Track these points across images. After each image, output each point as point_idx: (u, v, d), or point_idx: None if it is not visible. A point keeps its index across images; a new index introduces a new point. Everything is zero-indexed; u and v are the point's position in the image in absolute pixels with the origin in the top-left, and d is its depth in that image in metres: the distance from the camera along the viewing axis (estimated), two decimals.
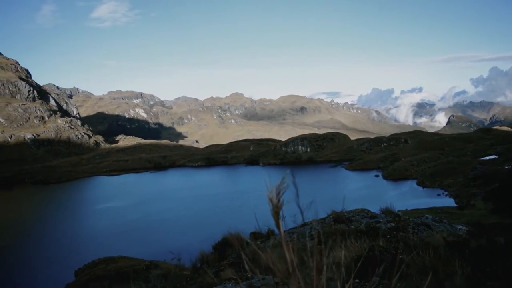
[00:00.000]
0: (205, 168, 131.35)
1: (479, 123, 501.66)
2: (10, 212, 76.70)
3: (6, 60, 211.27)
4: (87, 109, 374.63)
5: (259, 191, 76.34)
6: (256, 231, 13.10)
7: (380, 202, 14.73)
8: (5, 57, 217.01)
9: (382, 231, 9.07)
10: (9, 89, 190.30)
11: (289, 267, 1.81)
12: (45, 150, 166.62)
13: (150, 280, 9.26)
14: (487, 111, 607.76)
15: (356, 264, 3.50)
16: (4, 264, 42.05)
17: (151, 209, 68.36)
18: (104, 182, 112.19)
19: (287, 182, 1.90)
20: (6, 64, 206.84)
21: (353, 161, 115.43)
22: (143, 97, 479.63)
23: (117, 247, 43.93)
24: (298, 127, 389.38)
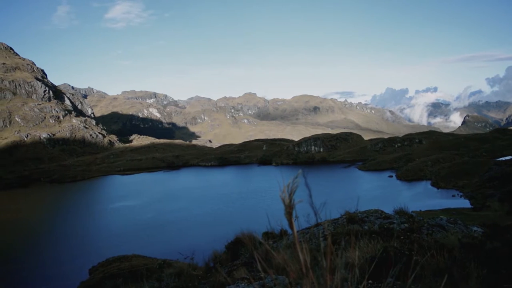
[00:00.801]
0: (218, 167, 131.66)
1: (495, 123, 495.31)
2: (26, 210, 77.78)
3: (22, 61, 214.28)
4: (102, 109, 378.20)
5: (272, 191, 76.31)
6: (268, 231, 13.10)
7: (394, 202, 14.62)
8: (21, 57, 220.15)
9: (395, 232, 9.00)
10: (25, 89, 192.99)
11: (303, 268, 1.80)
12: (60, 149, 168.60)
13: (163, 279, 9.30)
14: (503, 111, 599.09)
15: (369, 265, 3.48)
16: (21, 261, 42.64)
17: (164, 208, 68.73)
18: (118, 181, 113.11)
19: (299, 182, 1.89)
20: (23, 64, 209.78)
21: (367, 161, 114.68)
22: (156, 97, 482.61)
23: (131, 245, 44.28)
24: (311, 127, 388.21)
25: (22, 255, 45.11)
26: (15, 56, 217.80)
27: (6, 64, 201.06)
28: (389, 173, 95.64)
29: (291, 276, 1.83)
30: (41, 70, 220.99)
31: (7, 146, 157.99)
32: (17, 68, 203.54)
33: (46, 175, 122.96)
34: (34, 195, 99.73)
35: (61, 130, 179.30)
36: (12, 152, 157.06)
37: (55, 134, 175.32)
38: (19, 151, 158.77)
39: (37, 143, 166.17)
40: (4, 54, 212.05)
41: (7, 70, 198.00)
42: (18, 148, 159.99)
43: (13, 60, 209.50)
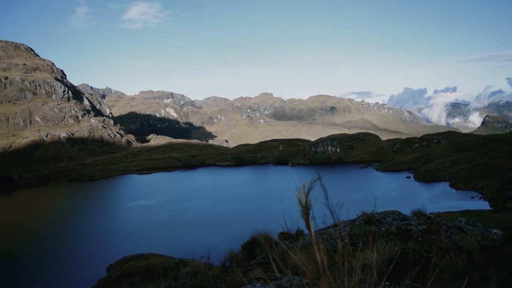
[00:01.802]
0: (234, 167, 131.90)
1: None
2: (46, 208, 79.08)
3: (42, 61, 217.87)
4: (120, 108, 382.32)
5: (288, 191, 76.14)
6: (285, 231, 13.08)
7: (412, 204, 14.45)
8: (41, 58, 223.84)
9: (413, 234, 8.90)
10: (45, 89, 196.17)
11: (320, 268, 1.80)
12: (79, 148, 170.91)
13: (179, 278, 9.36)
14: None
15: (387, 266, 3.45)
16: (39, 258, 43.34)
17: (181, 207, 69.12)
18: (135, 181, 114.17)
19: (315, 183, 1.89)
20: (43, 65, 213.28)
21: (384, 162, 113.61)
22: (173, 97, 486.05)
23: (148, 244, 44.64)
24: (328, 127, 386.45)
25: (42, 252, 45.87)
26: (36, 57, 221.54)
27: (26, 65, 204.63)
28: (406, 174, 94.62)
29: (308, 277, 1.81)
30: (61, 70, 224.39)
31: (27, 145, 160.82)
32: (37, 68, 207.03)
33: (65, 174, 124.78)
34: (54, 193, 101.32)
35: (80, 130, 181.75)
36: (33, 151, 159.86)
37: (74, 133, 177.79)
38: (39, 150, 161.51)
39: (57, 142, 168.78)
40: (24, 55, 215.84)
41: (28, 70, 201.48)
42: (38, 148, 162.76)
43: (33, 61, 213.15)
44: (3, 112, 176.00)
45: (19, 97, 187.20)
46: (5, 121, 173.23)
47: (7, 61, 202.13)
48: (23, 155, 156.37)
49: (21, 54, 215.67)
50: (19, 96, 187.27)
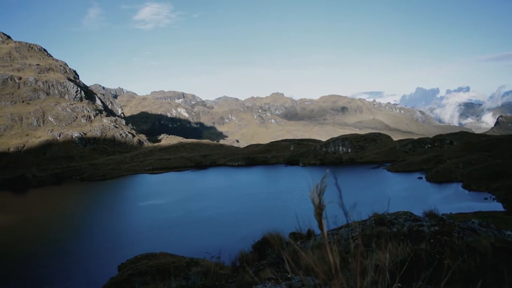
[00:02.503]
0: (245, 167, 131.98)
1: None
2: (58, 207, 79.88)
3: (55, 62, 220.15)
4: (131, 108, 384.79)
5: (299, 191, 76.01)
6: (296, 232, 13.06)
7: (424, 205, 14.35)
8: (54, 59, 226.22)
9: (425, 235, 8.84)
10: (58, 90, 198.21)
11: (332, 269, 1.79)
12: (91, 148, 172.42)
13: (190, 277, 9.39)
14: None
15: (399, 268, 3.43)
16: (52, 256, 43.78)
17: (192, 207, 69.33)
18: (147, 180, 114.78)
19: (328, 182, 1.88)
20: (56, 65, 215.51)
21: (396, 162, 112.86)
22: (185, 97, 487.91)
23: (159, 243, 44.86)
24: (339, 127, 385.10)
25: (55, 251, 46.32)
26: (49, 58, 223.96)
27: (40, 65, 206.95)
28: (418, 174, 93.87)
29: (320, 278, 1.81)
30: (73, 71, 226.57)
31: (40, 145, 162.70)
32: (50, 69, 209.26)
33: (78, 173, 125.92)
34: (66, 192, 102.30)
35: (92, 130, 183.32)
36: (46, 151, 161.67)
37: (86, 133, 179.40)
38: (52, 150, 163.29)
39: (69, 142, 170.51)
40: (38, 56, 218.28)
41: (41, 71, 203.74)
42: (51, 147, 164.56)
43: (46, 61, 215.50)
44: (17, 112, 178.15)
45: (32, 97, 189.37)
46: (18, 120, 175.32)
47: (21, 62, 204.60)
48: (36, 154, 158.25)
49: (35, 54, 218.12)
50: (32, 96, 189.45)
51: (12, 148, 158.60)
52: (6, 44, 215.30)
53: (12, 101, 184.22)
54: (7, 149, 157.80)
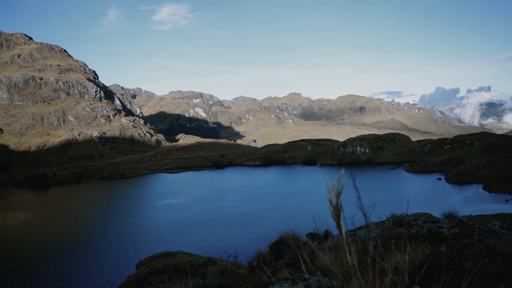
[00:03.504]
0: (262, 167, 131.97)
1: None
2: (78, 205, 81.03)
3: (75, 63, 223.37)
4: (150, 108, 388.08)
5: (316, 191, 75.72)
6: (312, 232, 13.00)
7: (443, 206, 14.15)
8: (74, 59, 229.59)
9: (445, 237, 8.71)
10: (78, 90, 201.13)
11: (350, 270, 1.78)
12: (110, 147, 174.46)
13: (207, 277, 9.41)
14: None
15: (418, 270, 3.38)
16: (71, 253, 44.42)
17: (209, 206, 69.60)
18: (164, 179, 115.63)
19: (345, 183, 1.88)
20: (76, 66, 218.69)
21: (414, 163, 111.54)
22: (202, 97, 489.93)
23: (176, 242, 45.17)
24: (357, 128, 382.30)
25: (74, 247, 47.00)
26: (69, 58, 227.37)
27: (60, 65, 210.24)
28: (437, 175, 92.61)
29: (338, 279, 1.80)
30: (93, 71, 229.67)
31: (61, 144, 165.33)
32: (70, 69, 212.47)
33: (97, 172, 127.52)
34: (86, 191, 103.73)
35: (111, 129, 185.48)
36: (66, 150, 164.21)
37: (106, 132, 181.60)
38: (72, 149, 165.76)
39: (89, 141, 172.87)
40: (59, 56, 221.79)
41: (62, 71, 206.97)
42: (71, 146, 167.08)
43: (67, 62, 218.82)
44: (38, 112, 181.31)
45: (53, 97, 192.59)
46: (40, 120, 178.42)
47: (42, 62, 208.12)
48: (56, 153, 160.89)
49: (55, 55, 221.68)
50: (53, 96, 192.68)
51: (34, 147, 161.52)
52: (28, 45, 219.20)
53: (34, 101, 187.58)
54: (28, 148, 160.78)
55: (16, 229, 61.19)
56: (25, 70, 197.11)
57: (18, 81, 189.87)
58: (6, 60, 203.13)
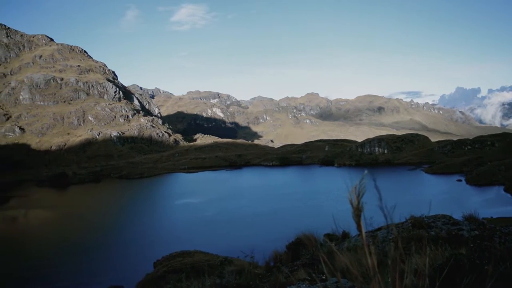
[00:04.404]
0: (280, 167, 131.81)
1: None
2: (97, 203, 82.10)
3: (95, 63, 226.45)
4: (168, 108, 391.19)
5: (333, 192, 75.32)
6: (330, 233, 12.95)
7: (463, 208, 13.94)
8: (94, 60, 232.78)
9: (465, 239, 8.58)
10: (97, 90, 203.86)
11: (370, 271, 1.77)
12: (129, 147, 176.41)
13: (224, 276, 9.44)
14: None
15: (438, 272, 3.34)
16: (90, 251, 45.00)
17: (227, 206, 69.79)
18: (182, 179, 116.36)
19: (366, 184, 1.87)
20: (95, 66, 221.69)
21: (434, 164, 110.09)
22: (220, 97, 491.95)
23: (193, 241, 45.38)
24: (375, 128, 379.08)
25: (93, 245, 47.62)
26: (89, 59, 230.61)
27: (80, 66, 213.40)
28: (457, 177, 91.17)
29: (357, 279, 1.79)
30: (112, 71, 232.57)
31: (80, 143, 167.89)
32: (90, 70, 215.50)
33: (116, 171, 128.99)
34: (105, 190, 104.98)
35: (130, 129, 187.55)
36: (86, 149, 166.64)
37: (124, 132, 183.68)
38: (92, 148, 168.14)
39: (108, 140, 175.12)
40: (79, 57, 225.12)
41: (82, 72, 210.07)
42: (91, 145, 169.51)
43: (87, 63, 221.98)
44: (59, 112, 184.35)
45: (73, 97, 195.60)
46: (60, 120, 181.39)
47: (62, 63, 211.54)
48: (76, 152, 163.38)
49: (76, 56, 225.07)
50: (73, 97, 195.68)
51: (54, 147, 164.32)
52: (49, 46, 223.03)
53: (55, 101, 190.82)
54: (49, 147, 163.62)
55: (37, 227, 62.27)
56: (46, 71, 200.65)
57: (39, 82, 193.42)
58: (28, 61, 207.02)
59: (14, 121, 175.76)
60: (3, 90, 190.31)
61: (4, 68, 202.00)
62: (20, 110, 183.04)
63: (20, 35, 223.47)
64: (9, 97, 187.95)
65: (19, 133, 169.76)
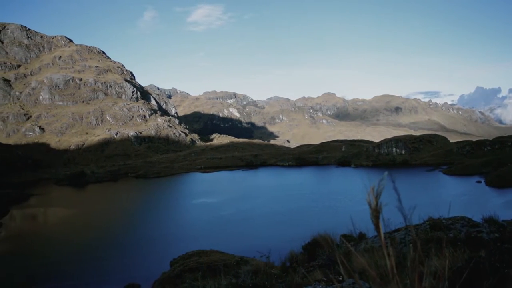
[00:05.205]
0: (296, 168, 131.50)
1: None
2: (115, 202, 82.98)
3: (113, 64, 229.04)
4: (184, 108, 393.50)
5: (350, 193, 74.87)
6: (347, 234, 12.87)
7: (482, 210, 13.71)
8: (112, 60, 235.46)
9: (484, 242, 8.44)
10: (115, 90, 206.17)
11: (389, 273, 1.76)
12: (146, 146, 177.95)
13: (240, 276, 9.45)
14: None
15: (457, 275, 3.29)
16: (108, 249, 45.51)
17: (242, 206, 69.87)
18: (198, 178, 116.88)
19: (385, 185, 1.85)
20: (113, 67, 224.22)
21: (452, 165, 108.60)
22: (236, 97, 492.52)
23: (210, 240, 45.55)
24: (393, 128, 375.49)
25: (110, 244, 48.16)
26: (107, 60, 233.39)
27: (99, 67, 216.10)
28: (477, 178, 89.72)
29: (375, 281, 1.78)
30: (130, 72, 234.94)
31: (99, 143, 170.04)
32: (108, 70, 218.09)
33: (133, 171, 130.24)
34: (123, 188, 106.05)
35: (147, 129, 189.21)
36: (104, 149, 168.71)
37: (142, 132, 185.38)
38: (109, 148, 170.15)
39: (125, 140, 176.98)
40: (97, 58, 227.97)
41: (100, 72, 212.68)
42: (109, 145, 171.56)
43: (105, 63, 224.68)
44: (78, 112, 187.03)
45: (92, 97, 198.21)
46: (79, 120, 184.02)
47: (81, 64, 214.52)
48: (95, 152, 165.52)
49: (94, 57, 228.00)
50: (92, 97, 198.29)
51: (73, 146, 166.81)
52: (68, 47, 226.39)
53: (74, 101, 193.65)
54: (68, 146, 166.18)
55: (57, 224, 63.24)
56: (65, 71, 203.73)
57: (59, 82, 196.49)
58: (47, 61, 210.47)
59: (34, 120, 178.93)
60: (24, 90, 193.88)
61: (25, 68, 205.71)
62: (40, 110, 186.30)
63: (40, 36, 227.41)
64: (29, 97, 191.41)
65: (39, 132, 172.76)
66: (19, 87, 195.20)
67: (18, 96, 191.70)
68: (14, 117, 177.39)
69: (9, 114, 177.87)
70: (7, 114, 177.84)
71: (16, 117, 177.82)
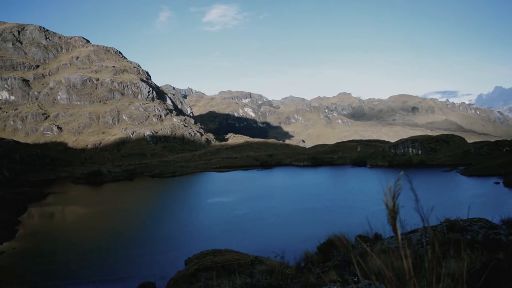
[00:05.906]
0: (311, 168, 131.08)
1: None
2: (131, 201, 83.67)
3: (129, 64, 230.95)
4: (200, 108, 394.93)
5: (366, 193, 74.38)
6: (362, 235, 12.77)
7: (501, 212, 13.47)
8: (128, 61, 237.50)
9: (502, 244, 8.31)
10: (132, 90, 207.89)
11: (406, 275, 1.74)
12: (161, 146, 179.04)
13: (254, 275, 9.44)
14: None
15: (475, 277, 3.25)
16: (123, 248, 45.91)
17: (257, 205, 69.92)
18: (213, 178, 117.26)
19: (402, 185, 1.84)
20: (130, 67, 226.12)
21: (470, 166, 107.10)
22: (251, 97, 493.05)
23: (224, 240, 45.69)
24: (409, 128, 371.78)
25: (126, 242, 48.57)
26: (123, 60, 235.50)
27: (115, 67, 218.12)
28: (495, 179, 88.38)
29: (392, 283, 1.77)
30: (146, 72, 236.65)
31: (115, 142, 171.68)
32: (125, 70, 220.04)
33: (149, 170, 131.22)
34: (139, 187, 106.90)
35: (163, 128, 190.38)
36: (120, 148, 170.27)
37: (157, 132, 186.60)
38: (126, 147, 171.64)
39: (141, 139, 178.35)
40: (114, 58, 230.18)
41: (117, 72, 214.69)
42: (125, 144, 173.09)
43: (121, 63, 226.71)
44: (95, 111, 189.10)
45: (108, 97, 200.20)
46: (96, 119, 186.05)
47: (98, 64, 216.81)
48: (111, 151, 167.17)
49: (111, 57, 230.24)
50: (108, 96, 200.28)
51: (90, 145, 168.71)
52: (86, 48, 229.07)
53: (91, 100, 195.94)
54: (85, 145, 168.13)
55: (74, 222, 64.08)
56: (82, 72, 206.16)
57: (76, 82, 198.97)
58: (65, 62, 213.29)
59: (52, 120, 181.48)
60: (42, 90, 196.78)
61: (43, 69, 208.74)
62: (57, 109, 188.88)
63: (58, 37, 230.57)
64: (48, 97, 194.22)
65: (57, 131, 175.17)
66: (38, 87, 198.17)
67: (37, 96, 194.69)
68: (33, 117, 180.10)
69: (27, 113, 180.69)
70: (26, 113, 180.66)
71: (34, 116, 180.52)
